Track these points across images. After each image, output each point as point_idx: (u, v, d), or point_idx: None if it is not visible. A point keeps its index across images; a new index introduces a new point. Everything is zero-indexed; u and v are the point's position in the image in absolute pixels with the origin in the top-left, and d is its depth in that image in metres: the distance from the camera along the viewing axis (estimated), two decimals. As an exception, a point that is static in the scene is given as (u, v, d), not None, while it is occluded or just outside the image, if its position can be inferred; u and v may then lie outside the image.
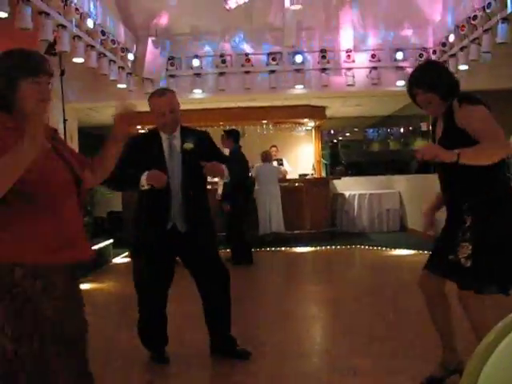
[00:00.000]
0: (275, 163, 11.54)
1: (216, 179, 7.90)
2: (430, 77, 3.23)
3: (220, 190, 8.57)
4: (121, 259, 9.16)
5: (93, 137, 15.08)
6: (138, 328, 4.13)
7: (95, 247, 8.06)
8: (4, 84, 2.19)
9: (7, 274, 2.08)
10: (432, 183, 3.46)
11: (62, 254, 2.21)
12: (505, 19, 7.07)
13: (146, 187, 3.72)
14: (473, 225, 3.09)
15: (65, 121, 7.91)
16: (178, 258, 4.09)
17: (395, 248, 9.34)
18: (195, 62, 10.11)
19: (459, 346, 3.38)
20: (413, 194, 11.48)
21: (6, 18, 5.79)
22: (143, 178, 3.69)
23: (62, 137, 7.84)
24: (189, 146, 3.84)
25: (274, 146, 12.09)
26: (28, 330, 2.10)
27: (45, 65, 2.28)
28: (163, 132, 3.93)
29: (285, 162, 12.20)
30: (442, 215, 3.41)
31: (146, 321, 4.10)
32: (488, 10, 7.32)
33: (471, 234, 3.08)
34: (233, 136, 8.40)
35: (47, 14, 6.45)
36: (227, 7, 8.26)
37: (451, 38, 8.81)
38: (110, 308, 6.07)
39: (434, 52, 9.77)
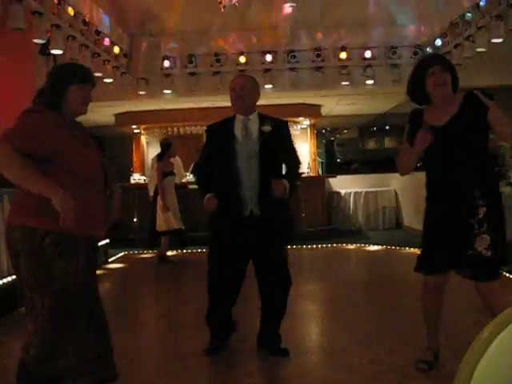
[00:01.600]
0: None
1: None
2: (449, 60, 3.50)
3: None
4: (116, 260, 9.14)
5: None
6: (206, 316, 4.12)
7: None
8: (60, 87, 2.81)
9: (37, 238, 2.61)
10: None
11: (84, 228, 2.71)
12: (498, 16, 7.09)
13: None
14: (487, 215, 3.16)
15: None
16: None
17: (391, 245, 9.35)
18: (189, 61, 10.09)
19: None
20: (408, 191, 11.49)
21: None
22: (206, 197, 3.83)
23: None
24: (267, 128, 3.84)
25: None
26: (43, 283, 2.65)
27: (91, 76, 2.98)
28: (237, 113, 3.95)
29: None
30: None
31: (214, 309, 4.08)
32: (482, 8, 7.33)
33: (488, 225, 3.15)
34: None
35: (40, 14, 6.44)
36: (221, 6, 8.23)
37: (446, 35, 8.83)
38: (106, 309, 6.05)
39: (429, 50, 9.78)
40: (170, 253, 8.99)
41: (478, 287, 3.24)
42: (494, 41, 7.27)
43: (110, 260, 8.87)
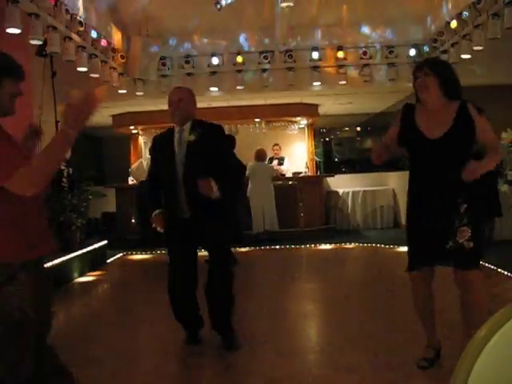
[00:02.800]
0: (275, 162, 11.59)
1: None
2: (443, 66, 3.45)
3: None
4: (115, 260, 9.14)
5: (86, 138, 15.08)
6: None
7: (89, 248, 8.06)
8: None
9: None
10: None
11: (26, 252, 2.43)
12: (495, 14, 7.09)
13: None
14: (468, 209, 3.31)
15: (57, 122, 7.88)
16: None
17: (390, 244, 9.36)
18: (186, 62, 10.10)
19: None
20: (406, 190, 11.48)
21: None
22: (153, 214, 4.22)
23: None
24: (190, 137, 4.06)
25: (277, 145, 12.17)
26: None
27: (24, 73, 2.61)
28: (175, 124, 4.19)
29: (286, 160, 12.21)
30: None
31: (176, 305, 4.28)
32: (478, 6, 7.34)
33: (468, 218, 3.29)
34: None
35: (37, 16, 6.43)
36: (218, 6, 8.23)
37: (442, 34, 8.83)
38: (106, 308, 6.06)
39: (426, 48, 9.79)
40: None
41: (457, 278, 3.36)
42: (490, 38, 7.27)
43: (108, 261, 8.87)
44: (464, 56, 8.07)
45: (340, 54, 10.04)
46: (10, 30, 6.05)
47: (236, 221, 9.16)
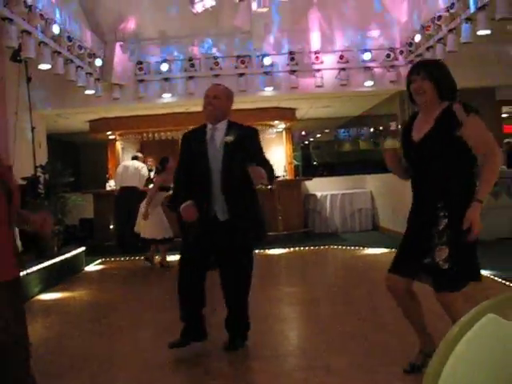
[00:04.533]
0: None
1: None
2: (438, 68, 3.35)
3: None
4: (93, 267, 9.07)
5: (62, 143, 14.95)
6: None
7: (67, 255, 7.98)
8: None
9: None
10: (402, 182, 3.51)
11: None
12: (468, 19, 7.20)
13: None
14: (448, 227, 3.15)
15: (33, 128, 7.81)
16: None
17: (368, 247, 9.42)
18: (164, 67, 10.08)
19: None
20: (384, 192, 11.59)
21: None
22: (182, 206, 3.97)
23: (31, 145, 7.77)
24: (229, 138, 4.01)
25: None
26: None
27: None
28: (208, 122, 4.12)
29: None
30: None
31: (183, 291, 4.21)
32: (452, 10, 7.44)
33: (447, 237, 3.14)
34: None
35: (11, 20, 6.37)
36: (194, 11, 8.24)
37: (417, 38, 8.94)
38: (83, 316, 6.00)
39: (401, 52, 9.90)
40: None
41: (436, 295, 3.24)
42: (463, 42, 7.37)
43: (86, 268, 8.79)
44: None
45: (317, 59, 10.09)
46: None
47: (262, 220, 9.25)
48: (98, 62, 9.39)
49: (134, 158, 10.62)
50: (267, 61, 10.06)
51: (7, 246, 2.42)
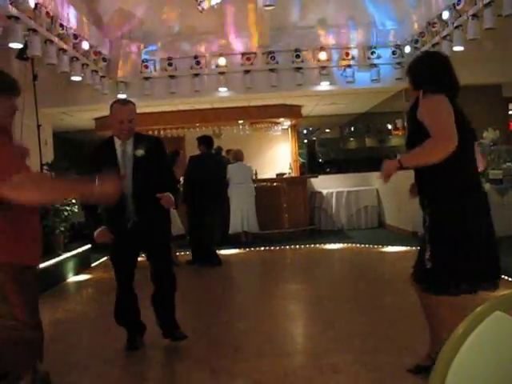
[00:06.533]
0: None
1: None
2: (411, 64, 3.35)
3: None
4: (99, 264, 9.08)
5: (68, 141, 14.96)
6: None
7: (73, 252, 8.00)
8: None
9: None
10: (408, 180, 3.47)
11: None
12: (475, 15, 7.16)
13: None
14: (430, 224, 3.09)
15: (39, 126, 7.82)
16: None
17: (374, 244, 9.40)
18: (169, 64, 10.06)
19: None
20: (390, 190, 11.55)
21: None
22: (95, 233, 4.11)
23: (37, 142, 7.78)
24: (140, 152, 4.14)
25: None
26: None
27: (16, 84, 2.66)
28: (118, 138, 4.21)
29: None
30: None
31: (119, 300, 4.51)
32: (458, 7, 7.41)
33: (429, 235, 3.09)
34: (203, 142, 8.72)
35: (17, 19, 6.38)
36: (200, 8, 8.23)
37: (423, 34, 8.90)
38: (91, 314, 6.02)
39: (408, 49, 9.86)
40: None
41: (420, 297, 3.21)
42: (470, 38, 7.34)
43: (92, 265, 8.81)
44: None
45: (322, 56, 10.07)
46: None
47: (223, 222, 9.40)
48: (104, 60, 9.38)
49: None
50: (273, 58, 10.01)
51: (40, 233, 2.61)
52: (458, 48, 7.76)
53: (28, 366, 2.59)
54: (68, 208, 7.92)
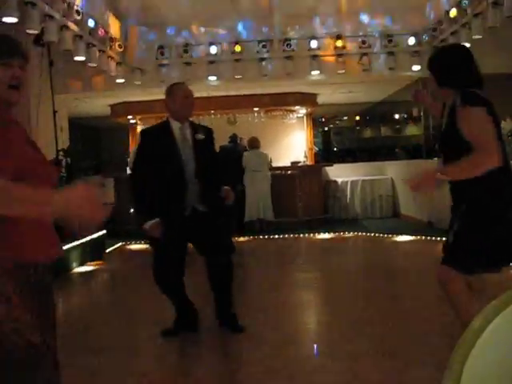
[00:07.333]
0: None
1: None
2: (431, 59, 3.25)
3: None
4: (113, 250, 9.16)
5: (83, 128, 15.04)
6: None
7: (88, 238, 8.05)
8: None
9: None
10: (423, 168, 3.43)
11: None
12: (495, 3, 7.06)
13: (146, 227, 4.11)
14: (466, 208, 3.07)
15: (55, 112, 7.85)
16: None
17: (388, 234, 9.36)
18: (185, 51, 10.04)
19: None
20: (405, 179, 11.49)
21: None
22: (147, 225, 4.05)
23: (53, 129, 7.82)
24: (200, 136, 4.28)
25: None
26: None
27: (18, 47, 2.08)
28: (177, 120, 4.26)
29: None
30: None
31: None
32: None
33: (462, 214, 3.07)
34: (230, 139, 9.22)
35: (33, 5, 6.39)
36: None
37: (442, 23, 8.79)
38: (106, 299, 6.07)
39: (425, 37, 9.74)
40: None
41: (436, 272, 3.15)
42: (489, 26, 7.24)
43: (107, 251, 8.87)
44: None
45: (339, 43, 9.99)
46: (7, 19, 6.02)
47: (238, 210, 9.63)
48: (120, 46, 9.38)
49: None
50: (289, 45, 9.94)
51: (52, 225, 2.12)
52: (477, 36, 7.65)
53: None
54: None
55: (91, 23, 8.02)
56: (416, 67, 9.90)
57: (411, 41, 9.89)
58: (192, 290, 4.51)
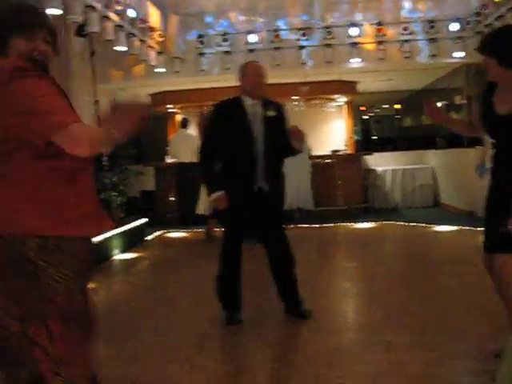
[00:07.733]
0: None
1: None
2: (495, 40, 3.04)
3: None
4: (153, 238, 9.28)
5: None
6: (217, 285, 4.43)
7: (129, 226, 8.18)
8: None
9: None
10: (464, 157, 3.35)
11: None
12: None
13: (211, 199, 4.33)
14: None
15: (96, 102, 7.97)
16: None
17: (429, 223, 9.23)
18: (224, 40, 10.05)
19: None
20: (446, 168, 11.31)
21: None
22: (213, 196, 4.19)
23: (94, 118, 7.94)
24: (271, 113, 4.28)
25: None
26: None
27: (41, 18, 2.00)
28: (250, 96, 4.29)
29: None
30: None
31: (224, 278, 4.40)
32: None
33: None
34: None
35: (75, -5, 6.48)
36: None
37: (487, 6, 8.57)
38: (147, 286, 6.16)
39: (468, 23, 9.52)
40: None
41: (500, 265, 3.02)
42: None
43: (147, 239, 9.00)
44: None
45: (379, 30, 9.85)
46: (51, 11, 6.11)
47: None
48: (160, 36, 9.44)
49: (184, 123, 10.56)
50: (329, 33, 9.86)
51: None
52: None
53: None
54: (124, 182, 8.08)
55: (131, 13, 8.10)
56: (459, 54, 9.69)
57: (454, 26, 9.67)
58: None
